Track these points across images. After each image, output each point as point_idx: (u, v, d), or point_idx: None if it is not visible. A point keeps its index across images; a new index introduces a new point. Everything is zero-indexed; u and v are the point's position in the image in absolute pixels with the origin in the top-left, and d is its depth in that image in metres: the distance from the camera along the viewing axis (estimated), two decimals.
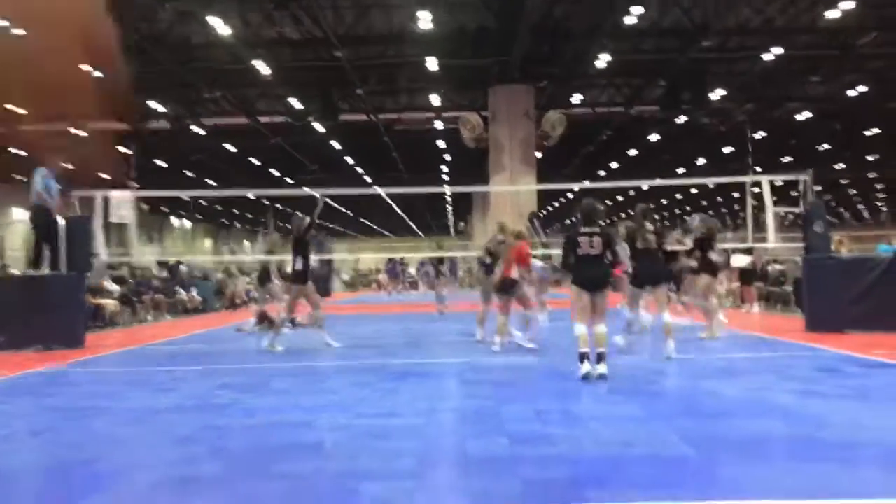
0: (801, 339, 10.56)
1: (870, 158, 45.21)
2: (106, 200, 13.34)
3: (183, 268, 20.89)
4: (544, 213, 47.60)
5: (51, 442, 5.16)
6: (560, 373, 7.87)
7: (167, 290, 19.56)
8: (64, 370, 9.00)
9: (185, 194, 47.84)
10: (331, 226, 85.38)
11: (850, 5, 20.09)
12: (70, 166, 13.72)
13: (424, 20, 20.17)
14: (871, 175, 52.93)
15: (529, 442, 4.84)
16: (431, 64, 23.78)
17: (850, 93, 29.83)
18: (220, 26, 20.14)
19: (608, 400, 6.28)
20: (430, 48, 23.37)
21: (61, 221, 11.59)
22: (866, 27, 22.60)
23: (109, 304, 15.97)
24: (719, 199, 66.37)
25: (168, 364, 9.58)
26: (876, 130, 37.32)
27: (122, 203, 13.66)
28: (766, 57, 23.87)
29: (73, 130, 27.89)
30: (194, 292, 19.96)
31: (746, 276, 16.71)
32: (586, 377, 7.11)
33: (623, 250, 8.99)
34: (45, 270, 11.48)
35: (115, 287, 17.40)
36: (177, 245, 61.72)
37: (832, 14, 20.56)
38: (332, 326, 11.35)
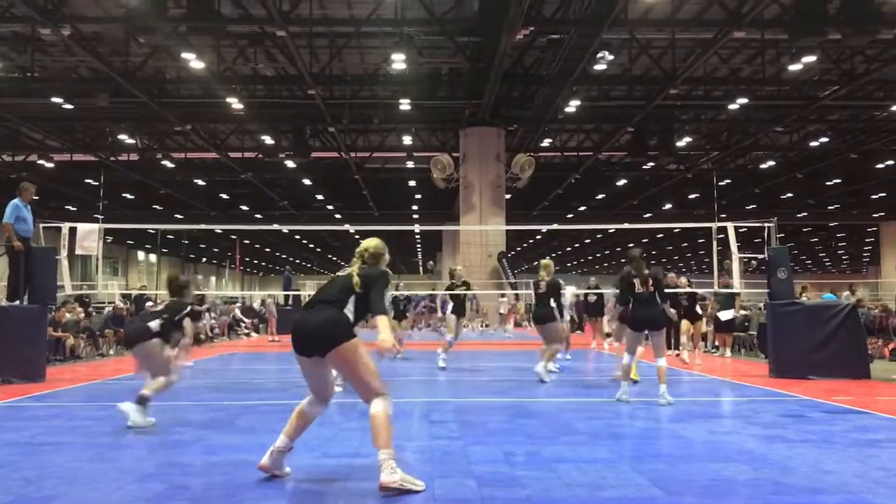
0: (765, 384, 10.67)
1: (831, 207, 46.26)
2: (71, 231, 13.20)
3: (149, 304, 20.57)
4: (512, 253, 47.82)
5: (8, 478, 5.02)
6: (528, 412, 7.88)
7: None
8: (24, 404, 8.80)
9: (151, 227, 47.44)
10: (297, 261, 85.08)
11: (813, 59, 20.75)
12: None
13: (398, 62, 20.38)
14: (833, 224, 54.12)
15: (497, 484, 4.82)
16: (404, 105, 23.99)
17: (813, 143, 30.64)
18: (194, 61, 20.19)
19: (576, 441, 6.28)
20: (403, 89, 23.63)
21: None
22: (828, 81, 23.28)
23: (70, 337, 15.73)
24: (684, 243, 67.31)
25: (130, 399, 9.38)
26: (837, 180, 38.26)
27: (88, 235, 13.51)
28: (732, 106, 24.48)
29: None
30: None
31: (727, 324, 16.78)
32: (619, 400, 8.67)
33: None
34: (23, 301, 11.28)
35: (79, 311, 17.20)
36: (141, 278, 60.95)
37: (796, 67, 21.16)
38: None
